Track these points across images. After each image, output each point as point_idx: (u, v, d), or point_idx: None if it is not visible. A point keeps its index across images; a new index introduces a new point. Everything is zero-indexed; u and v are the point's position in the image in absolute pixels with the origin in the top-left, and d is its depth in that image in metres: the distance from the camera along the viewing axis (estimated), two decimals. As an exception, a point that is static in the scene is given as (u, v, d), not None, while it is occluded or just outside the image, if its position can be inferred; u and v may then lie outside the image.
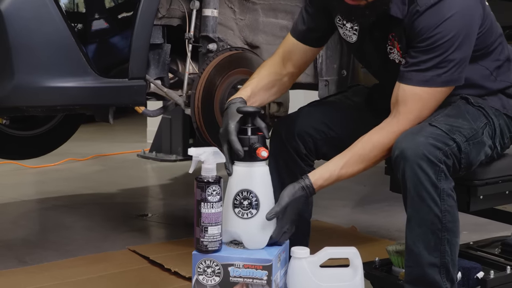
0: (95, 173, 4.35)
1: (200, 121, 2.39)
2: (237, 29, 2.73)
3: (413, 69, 1.96)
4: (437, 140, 1.90)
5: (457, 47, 1.96)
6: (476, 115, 2.06)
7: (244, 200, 1.87)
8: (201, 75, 2.39)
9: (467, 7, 1.99)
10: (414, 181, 1.89)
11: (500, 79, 2.16)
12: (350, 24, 2.12)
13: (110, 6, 2.18)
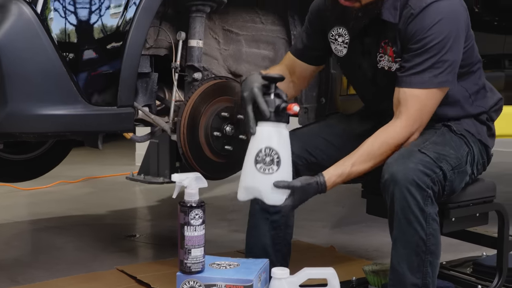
0: (85, 195, 4.33)
1: (186, 147, 2.39)
2: (221, 58, 2.74)
3: (411, 72, 1.99)
4: (426, 167, 1.92)
5: (449, 49, 1.99)
6: (459, 144, 2.09)
7: (267, 156, 1.89)
8: (187, 103, 2.39)
9: (455, 11, 2.04)
10: (402, 204, 1.91)
11: (476, 104, 2.19)
12: (341, 38, 2.16)
13: (100, 36, 2.17)
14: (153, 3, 2.22)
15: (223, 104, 2.44)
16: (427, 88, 2.01)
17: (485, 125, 2.22)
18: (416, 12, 2.01)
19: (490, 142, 2.23)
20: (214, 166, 2.47)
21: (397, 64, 2.07)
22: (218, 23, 2.71)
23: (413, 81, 2.00)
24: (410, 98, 2.01)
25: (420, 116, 2.03)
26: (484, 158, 2.21)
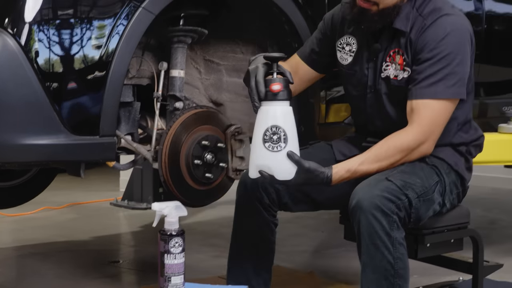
0: (70, 221, 4.30)
1: (167, 175, 2.39)
2: (202, 88, 2.75)
3: (424, 84, 2.02)
4: (391, 194, 1.93)
5: (460, 62, 2.03)
6: (429, 174, 2.10)
7: (274, 135, 1.92)
8: (168, 132, 2.40)
9: (465, 27, 2.09)
10: (369, 230, 1.91)
11: (458, 134, 2.20)
12: (349, 47, 2.21)
13: (82, 67, 2.17)
14: (136, 34, 2.23)
15: (204, 133, 2.45)
16: (440, 99, 2.03)
17: (463, 157, 2.22)
18: (429, 23, 2.06)
19: (467, 175, 2.24)
20: (195, 194, 2.47)
21: (404, 73, 2.10)
22: (200, 54, 2.73)
23: (426, 92, 2.03)
24: (423, 107, 2.03)
25: (432, 126, 2.04)
26: (459, 189, 2.22)
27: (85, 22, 2.16)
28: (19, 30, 2.09)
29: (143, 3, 2.21)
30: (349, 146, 2.34)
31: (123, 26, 2.19)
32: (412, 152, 2.04)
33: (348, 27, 2.24)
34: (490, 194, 5.35)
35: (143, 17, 2.21)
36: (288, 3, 2.53)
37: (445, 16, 2.07)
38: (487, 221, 4.32)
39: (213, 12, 2.60)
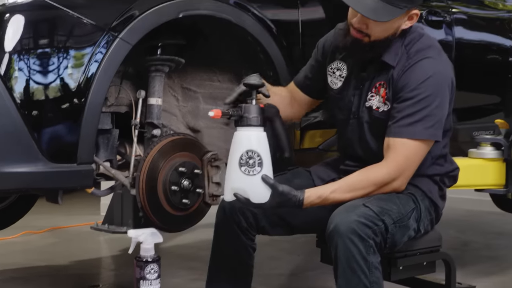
0: (50, 245, 4.24)
1: (144, 201, 2.38)
2: (180, 115, 2.76)
3: (403, 123, 2.04)
4: (368, 219, 1.95)
5: (438, 105, 2.05)
6: (406, 201, 2.12)
7: (250, 159, 1.94)
8: (145, 159, 2.39)
9: (447, 71, 2.12)
10: (346, 254, 1.92)
11: (433, 167, 2.23)
12: (339, 72, 2.24)
13: (61, 95, 2.16)
14: (113, 64, 2.23)
15: (181, 160, 2.45)
16: (417, 139, 2.05)
17: (437, 185, 2.25)
18: (412, 63, 2.08)
19: (441, 203, 2.26)
20: (173, 219, 2.46)
21: (385, 106, 2.12)
22: (177, 82, 2.74)
23: (404, 131, 2.05)
24: (400, 145, 2.05)
25: (407, 163, 2.06)
26: (432, 215, 2.24)
27: (63, 52, 2.16)
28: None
29: (121, 33, 2.21)
30: (327, 170, 2.36)
31: (101, 55, 2.19)
32: (385, 186, 2.07)
33: (339, 53, 2.27)
34: (464, 216, 5.38)
35: (121, 47, 2.22)
36: (263, 33, 2.56)
37: (429, 58, 2.09)
38: (460, 243, 4.33)
39: (190, 41, 2.61)
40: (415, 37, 2.16)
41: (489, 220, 5.15)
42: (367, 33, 2.08)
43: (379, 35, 2.08)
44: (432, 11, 3.30)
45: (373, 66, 2.17)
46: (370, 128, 2.18)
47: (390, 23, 2.07)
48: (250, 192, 1.97)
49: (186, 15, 2.37)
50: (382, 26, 2.06)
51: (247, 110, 2.01)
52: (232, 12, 2.48)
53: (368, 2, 2.00)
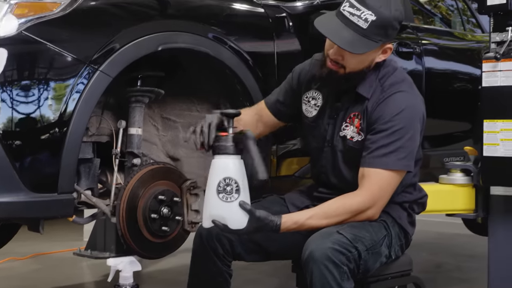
0: (33, 271, 4.19)
1: (125, 229, 2.37)
2: (160, 144, 2.76)
3: (377, 154, 2.05)
4: (342, 246, 1.95)
5: (411, 137, 2.07)
6: (378, 228, 2.13)
7: (227, 186, 1.93)
8: (126, 187, 2.38)
9: (419, 105, 2.14)
10: (321, 280, 1.92)
11: (402, 194, 2.24)
12: (314, 101, 2.24)
13: (42, 126, 2.15)
14: (94, 96, 2.23)
15: (160, 188, 2.44)
16: (390, 170, 2.06)
17: (406, 212, 2.26)
18: (386, 96, 2.10)
19: (410, 229, 2.27)
20: (152, 246, 2.45)
21: (359, 136, 2.13)
22: (157, 112, 2.74)
23: (378, 162, 2.05)
24: (374, 175, 2.06)
25: (380, 193, 2.07)
26: (402, 241, 2.25)
27: (45, 84, 2.15)
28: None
29: (101, 66, 2.22)
30: (301, 197, 2.36)
31: (82, 87, 2.19)
32: (359, 214, 2.07)
33: (315, 83, 2.28)
34: (436, 238, 5.40)
35: (101, 80, 2.22)
36: (240, 65, 2.58)
37: (403, 92, 2.11)
38: (432, 265, 4.34)
39: (169, 73, 2.62)
40: (389, 70, 2.18)
41: (460, 242, 5.17)
42: (342, 65, 2.09)
43: (354, 67, 2.10)
44: (402, 43, 3.35)
45: (347, 97, 2.19)
46: (343, 157, 2.19)
47: (365, 56, 2.09)
48: (228, 218, 1.97)
49: (165, 48, 2.38)
50: (357, 58, 2.08)
51: (224, 139, 2.01)
52: (210, 45, 2.50)
53: (345, 35, 2.02)
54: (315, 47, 2.41)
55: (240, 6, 2.72)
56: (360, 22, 2.01)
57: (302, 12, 2.86)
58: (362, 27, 2.01)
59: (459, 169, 2.93)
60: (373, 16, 2.01)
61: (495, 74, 2.66)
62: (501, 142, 2.63)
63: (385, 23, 2.04)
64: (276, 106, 2.36)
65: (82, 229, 5.23)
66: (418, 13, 3.89)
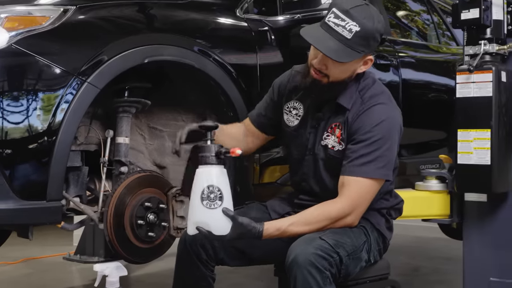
0: (24, 276, 4.15)
1: (112, 235, 2.36)
2: (147, 152, 2.75)
3: (357, 163, 2.05)
4: (324, 252, 1.95)
5: (389, 147, 2.08)
6: (358, 234, 2.13)
7: (211, 193, 1.93)
8: (113, 195, 2.37)
9: (397, 116, 2.14)
10: (304, 284, 1.92)
11: (380, 201, 2.25)
12: (295, 111, 2.24)
13: (31, 136, 2.13)
14: (82, 106, 2.21)
15: (146, 195, 2.43)
16: (369, 178, 2.06)
17: (384, 217, 2.27)
18: (366, 108, 2.10)
19: (388, 234, 2.28)
20: (139, 252, 2.43)
21: (340, 146, 2.13)
22: (144, 121, 2.73)
23: (358, 170, 2.06)
24: (353, 183, 2.06)
25: (359, 200, 2.07)
26: (380, 246, 2.25)
27: (34, 95, 2.14)
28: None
29: (89, 78, 2.21)
30: (282, 204, 2.36)
31: (70, 98, 2.18)
32: (338, 221, 2.07)
33: (295, 94, 2.28)
34: (414, 242, 5.41)
35: (89, 91, 2.21)
36: (224, 77, 2.57)
37: (382, 104, 2.12)
38: (410, 269, 4.35)
39: (156, 84, 2.61)
40: (368, 83, 2.19)
41: (437, 246, 5.19)
42: (326, 74, 2.10)
43: (337, 76, 2.11)
44: (380, 55, 3.36)
45: (328, 107, 2.19)
46: (325, 165, 2.20)
47: (348, 66, 2.09)
48: (212, 225, 1.96)
49: (151, 60, 2.37)
50: (340, 68, 2.09)
51: (207, 149, 2.01)
52: (195, 58, 2.49)
53: (331, 44, 2.03)
54: (296, 60, 2.43)
55: (224, 20, 2.72)
56: (345, 33, 2.02)
57: (283, 26, 2.86)
58: (347, 37, 2.02)
59: (435, 176, 2.94)
60: (357, 27, 2.02)
61: (468, 85, 2.67)
62: (475, 150, 2.65)
63: (368, 35, 2.05)
64: (259, 119, 2.37)
65: (72, 235, 5.20)
66: (395, 27, 3.91)
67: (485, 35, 2.67)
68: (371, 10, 2.08)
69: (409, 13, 4.18)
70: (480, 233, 2.81)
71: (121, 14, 2.40)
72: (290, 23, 2.86)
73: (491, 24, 2.65)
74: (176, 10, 2.58)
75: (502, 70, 2.64)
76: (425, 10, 4.18)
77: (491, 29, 2.66)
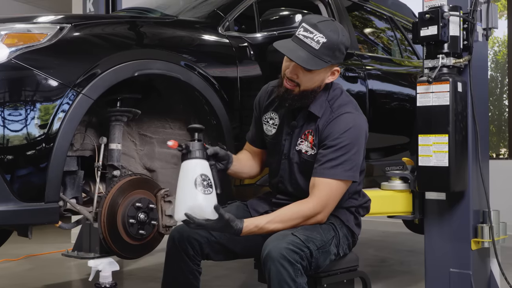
0: (26, 271, 4.09)
1: (105, 233, 2.33)
2: (137, 157, 2.73)
3: (326, 166, 2.07)
4: (296, 246, 1.95)
5: (356, 152, 2.08)
6: (327, 229, 2.13)
7: (204, 181, 1.95)
8: (107, 196, 2.35)
9: (363, 124, 2.15)
10: (278, 276, 1.91)
11: (349, 200, 2.26)
12: (272, 121, 2.27)
13: (30, 143, 2.10)
14: (77, 116, 2.19)
15: (137, 196, 2.41)
16: (338, 179, 2.07)
17: (352, 215, 2.27)
18: (335, 116, 2.12)
19: (356, 230, 2.28)
20: (131, 248, 2.41)
21: (312, 151, 2.14)
22: (135, 129, 2.71)
23: (327, 173, 2.07)
24: (323, 185, 2.06)
25: (328, 200, 2.08)
26: (350, 240, 2.26)
27: (32, 105, 2.11)
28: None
29: (84, 89, 2.18)
30: (261, 203, 2.35)
31: (67, 108, 2.15)
32: (310, 219, 2.08)
33: (271, 106, 2.29)
34: (380, 236, 5.43)
35: (83, 102, 2.18)
36: (207, 89, 2.56)
37: (349, 113, 2.13)
38: (378, 260, 4.36)
39: (145, 95, 2.60)
40: (336, 93, 2.21)
41: (401, 239, 5.21)
42: (297, 82, 2.11)
43: (307, 85, 2.11)
44: (349, 68, 3.37)
45: (301, 115, 2.20)
46: (299, 168, 2.20)
47: (316, 75, 2.11)
48: (206, 207, 1.95)
49: (141, 73, 2.36)
50: (309, 76, 2.10)
51: (196, 146, 2.04)
52: (181, 71, 2.48)
53: (301, 54, 2.05)
54: (273, 72, 2.43)
55: (207, 37, 2.71)
56: (313, 44, 2.05)
57: (261, 42, 2.86)
58: (315, 48, 2.05)
59: (398, 177, 2.95)
60: (324, 39, 2.05)
61: (428, 95, 2.69)
62: (434, 153, 2.66)
63: (334, 46, 2.07)
64: (253, 137, 2.39)
65: (70, 233, 5.15)
66: (362, 43, 3.93)
67: (443, 49, 2.69)
68: (336, 25, 2.11)
69: (375, 30, 4.21)
70: (439, 228, 2.83)
71: (113, 31, 2.38)
72: (267, 39, 2.86)
73: (448, 39, 2.67)
74: (163, 28, 2.57)
75: (458, 81, 2.67)
76: (389, 28, 4.21)
77: (448, 44, 2.68)
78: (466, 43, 2.72)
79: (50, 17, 2.27)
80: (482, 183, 2.73)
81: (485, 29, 2.80)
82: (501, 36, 6.84)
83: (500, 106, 6.92)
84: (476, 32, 2.76)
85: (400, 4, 4.50)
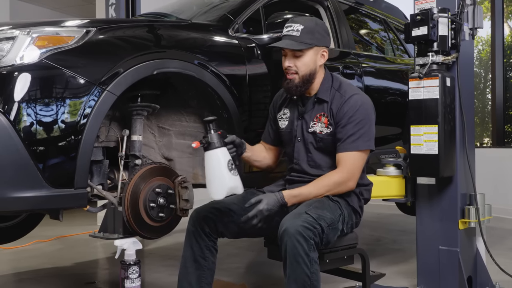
0: (56, 251, 4.12)
1: (129, 216, 2.33)
2: (157, 147, 2.72)
3: (348, 141, 2.17)
4: (309, 224, 1.98)
5: (369, 125, 2.21)
6: (335, 208, 2.17)
7: (232, 165, 2.06)
8: (129, 183, 2.35)
9: (368, 102, 2.26)
10: (293, 250, 1.93)
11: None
12: (285, 116, 2.37)
13: (60, 135, 2.10)
14: (102, 110, 2.19)
15: (157, 183, 2.41)
16: (359, 151, 2.17)
17: (356, 196, 2.28)
18: (346, 98, 2.22)
19: (360, 211, 2.30)
20: (151, 229, 2.41)
21: (328, 129, 2.23)
22: (154, 122, 2.70)
23: (350, 147, 2.17)
24: (348, 157, 2.17)
25: (354, 169, 2.18)
26: (353, 221, 2.27)
27: (61, 101, 2.11)
28: (9, 108, 2.03)
29: (108, 86, 2.18)
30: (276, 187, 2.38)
31: (93, 104, 2.16)
32: (341, 186, 2.17)
33: (283, 104, 2.39)
34: (376, 218, 5.43)
35: (108, 98, 2.18)
36: (219, 85, 2.56)
37: (357, 95, 2.24)
38: (373, 239, 4.36)
39: (163, 91, 2.59)
40: (341, 81, 2.32)
41: (395, 220, 5.21)
42: (295, 71, 2.22)
43: (303, 69, 2.22)
44: (346, 66, 3.35)
45: (310, 102, 2.29)
46: (314, 147, 2.27)
47: (307, 57, 2.22)
48: (240, 188, 2.09)
49: (159, 72, 2.35)
50: (302, 61, 2.22)
51: (214, 137, 2.12)
52: (195, 70, 2.48)
53: (287, 42, 2.21)
54: (278, 70, 2.42)
55: (219, 39, 2.70)
56: (294, 32, 2.20)
57: (267, 43, 2.85)
58: (296, 35, 2.20)
59: (392, 164, 2.95)
60: (301, 26, 2.21)
61: (419, 89, 2.68)
62: (425, 142, 2.65)
63: (311, 29, 2.21)
64: (266, 135, 2.46)
65: (96, 216, 5.17)
66: (358, 42, 3.90)
67: (433, 48, 2.67)
68: (311, 17, 2.28)
69: (370, 31, 4.18)
70: (430, 210, 2.82)
71: (134, 34, 2.38)
72: (272, 40, 2.85)
73: (437, 39, 2.66)
74: (179, 31, 2.56)
75: (447, 77, 2.65)
76: (382, 29, 4.18)
77: (437, 43, 2.66)
78: (454, 41, 2.70)
79: (77, 21, 2.27)
80: (468, 168, 2.72)
81: (472, 29, 2.78)
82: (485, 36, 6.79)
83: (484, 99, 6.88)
84: (463, 32, 2.74)
85: (392, 7, 4.47)
